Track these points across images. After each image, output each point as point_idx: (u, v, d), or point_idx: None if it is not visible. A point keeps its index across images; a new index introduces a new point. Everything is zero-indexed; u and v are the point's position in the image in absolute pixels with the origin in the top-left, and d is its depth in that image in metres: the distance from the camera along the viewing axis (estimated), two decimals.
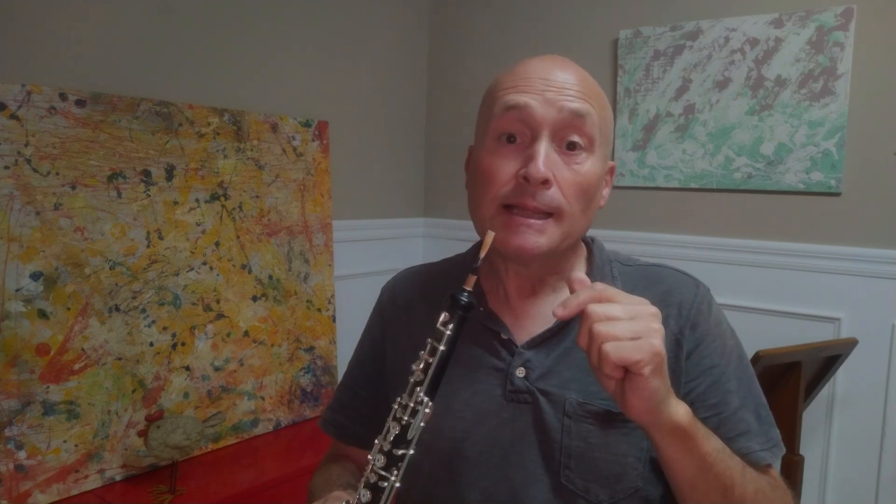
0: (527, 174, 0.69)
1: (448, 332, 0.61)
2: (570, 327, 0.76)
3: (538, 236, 0.70)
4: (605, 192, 0.80)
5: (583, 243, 0.84)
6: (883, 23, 1.68)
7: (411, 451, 0.62)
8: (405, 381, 0.62)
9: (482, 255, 0.63)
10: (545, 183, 0.69)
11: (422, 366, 0.61)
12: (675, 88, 1.97)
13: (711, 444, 0.65)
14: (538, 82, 0.72)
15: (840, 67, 1.71)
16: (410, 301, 0.88)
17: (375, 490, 0.61)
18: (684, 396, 0.74)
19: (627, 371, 0.59)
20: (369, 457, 0.63)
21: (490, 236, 0.65)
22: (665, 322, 0.74)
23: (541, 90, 0.71)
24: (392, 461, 0.61)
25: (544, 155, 0.69)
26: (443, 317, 0.61)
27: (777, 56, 1.80)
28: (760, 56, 1.83)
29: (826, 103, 1.74)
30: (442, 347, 0.60)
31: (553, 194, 0.70)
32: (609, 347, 0.57)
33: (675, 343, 0.75)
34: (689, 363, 0.75)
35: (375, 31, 2.29)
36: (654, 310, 0.61)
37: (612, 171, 0.81)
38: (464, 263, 0.86)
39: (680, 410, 0.62)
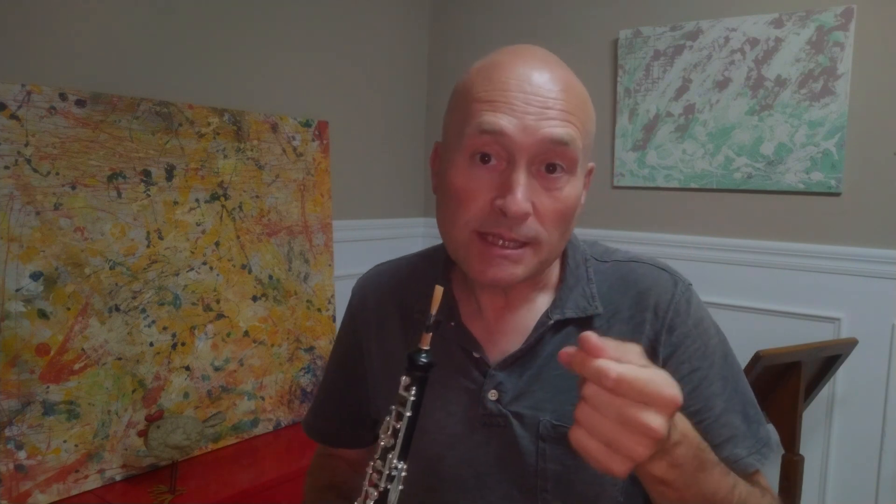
0: (504, 208, 0.63)
1: (412, 398, 0.58)
2: (543, 344, 0.73)
3: (514, 267, 0.66)
4: (583, 197, 0.73)
5: None
6: (883, 23, 1.68)
7: None
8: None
9: (433, 311, 0.59)
10: (524, 215, 0.65)
11: (389, 431, 0.59)
12: (675, 88, 1.97)
13: (693, 491, 0.59)
14: (517, 98, 0.64)
15: (840, 67, 1.71)
16: (381, 305, 0.84)
17: None
18: None
19: None
20: None
21: (439, 292, 0.59)
22: (640, 328, 0.72)
23: (520, 111, 0.64)
24: None
25: (523, 187, 0.64)
26: (403, 381, 0.58)
27: (777, 56, 1.80)
28: (760, 56, 1.83)
29: (826, 103, 1.74)
30: (408, 413, 0.58)
31: (531, 224, 0.66)
32: (576, 436, 0.52)
33: (651, 350, 0.71)
34: (667, 369, 0.70)
35: (375, 31, 2.29)
36: (655, 418, 0.49)
37: (590, 172, 0.75)
38: (434, 261, 0.82)
39: (655, 467, 0.55)
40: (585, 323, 0.73)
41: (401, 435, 0.59)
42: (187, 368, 1.63)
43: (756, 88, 1.84)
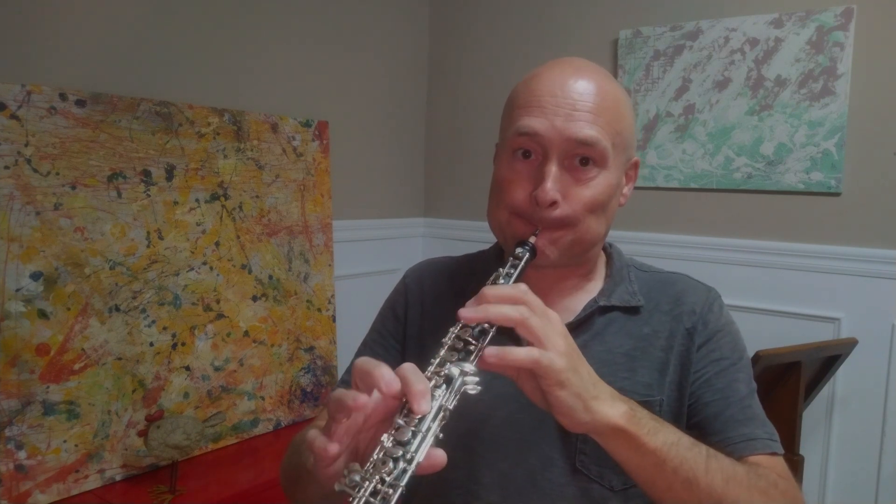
0: (537, 197, 0.73)
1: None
2: (590, 323, 0.81)
3: (548, 245, 0.75)
4: (627, 189, 0.83)
5: (602, 249, 0.88)
6: (883, 23, 1.68)
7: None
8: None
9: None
10: (554, 204, 0.73)
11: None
12: (675, 88, 1.97)
13: (661, 438, 0.63)
14: (549, 102, 0.74)
15: (840, 67, 1.71)
16: (437, 287, 0.92)
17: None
18: (692, 384, 0.79)
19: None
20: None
21: None
22: (679, 319, 0.83)
23: (551, 113, 0.74)
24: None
25: (553, 178, 0.73)
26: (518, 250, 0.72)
27: (777, 56, 1.80)
28: (760, 56, 1.83)
29: (826, 103, 1.74)
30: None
31: (563, 210, 0.74)
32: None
33: (688, 336, 0.81)
34: (699, 354, 0.80)
35: (375, 32, 2.29)
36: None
37: (635, 165, 0.84)
38: (486, 260, 0.89)
39: (613, 411, 0.61)
40: (630, 312, 0.83)
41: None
42: (187, 368, 1.63)
43: (756, 88, 1.84)
